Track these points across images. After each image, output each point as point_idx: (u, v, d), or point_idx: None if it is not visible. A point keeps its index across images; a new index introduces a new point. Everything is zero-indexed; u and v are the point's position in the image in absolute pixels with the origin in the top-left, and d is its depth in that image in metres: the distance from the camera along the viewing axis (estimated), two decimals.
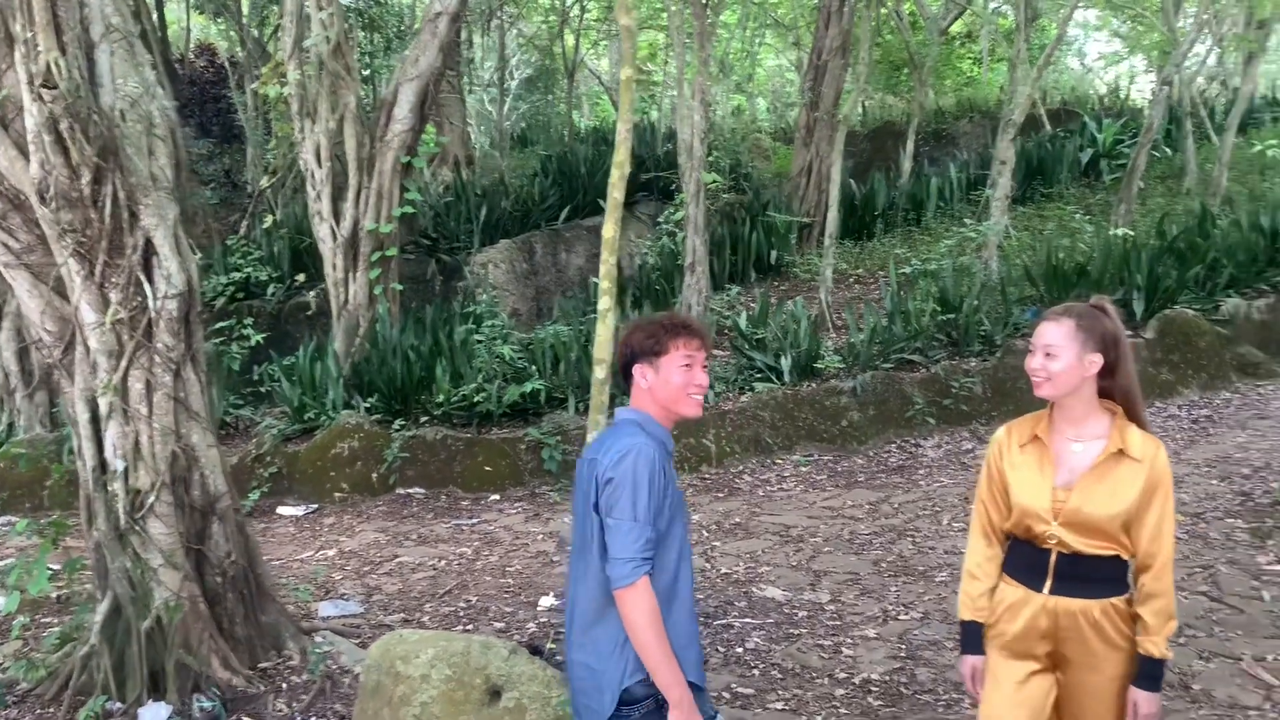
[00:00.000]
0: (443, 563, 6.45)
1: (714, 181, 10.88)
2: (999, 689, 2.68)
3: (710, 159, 11.49)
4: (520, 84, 21.06)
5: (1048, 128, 15.31)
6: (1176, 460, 7.50)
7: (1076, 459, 2.60)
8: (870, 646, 4.89)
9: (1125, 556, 2.58)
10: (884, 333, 8.92)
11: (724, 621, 5.22)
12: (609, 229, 3.71)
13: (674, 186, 12.47)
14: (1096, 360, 2.55)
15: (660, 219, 11.61)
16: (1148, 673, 2.56)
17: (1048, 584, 2.60)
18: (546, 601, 5.71)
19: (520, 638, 5.16)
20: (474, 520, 7.30)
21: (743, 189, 13.44)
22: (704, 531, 6.68)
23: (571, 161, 13.72)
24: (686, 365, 2.47)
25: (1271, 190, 11.90)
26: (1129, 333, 8.64)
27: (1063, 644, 2.61)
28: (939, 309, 9.27)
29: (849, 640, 4.99)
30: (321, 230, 9.32)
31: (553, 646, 5.08)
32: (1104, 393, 2.63)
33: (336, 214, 9.29)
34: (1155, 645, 2.53)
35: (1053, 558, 2.59)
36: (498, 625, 5.40)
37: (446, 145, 14.64)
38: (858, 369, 8.67)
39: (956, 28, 21.10)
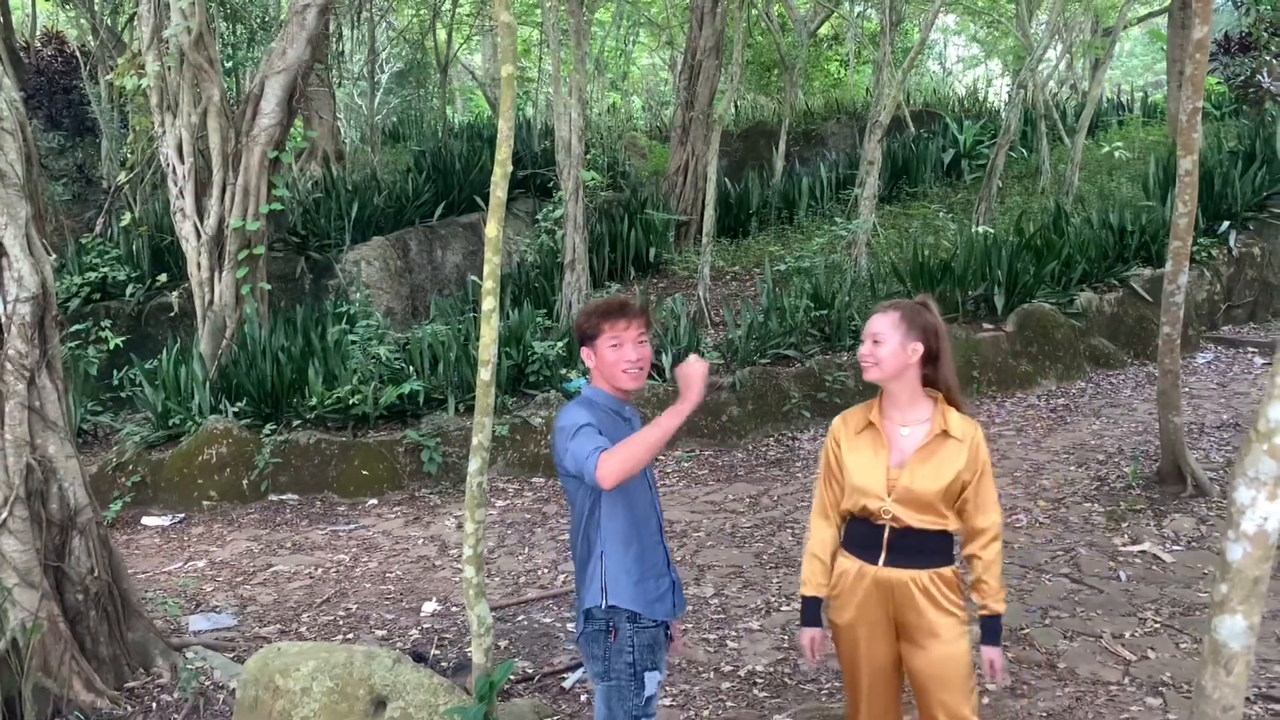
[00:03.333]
0: (320, 571, 6.28)
1: (593, 179, 10.88)
2: (852, 652, 2.97)
3: (588, 156, 11.50)
4: (391, 78, 20.61)
5: (911, 129, 15.84)
6: (1037, 448, 7.88)
7: (905, 441, 2.88)
8: (754, 639, 4.98)
9: (951, 530, 2.87)
10: (761, 329, 9.08)
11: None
12: (492, 228, 3.66)
13: (551, 184, 12.43)
14: (918, 348, 2.86)
15: (539, 216, 11.55)
16: (992, 629, 2.91)
17: (881, 556, 2.87)
18: (430, 607, 5.62)
19: (403, 645, 5.06)
20: (351, 526, 7.12)
21: (620, 187, 13.49)
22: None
23: (446, 157, 13.51)
24: (615, 345, 2.84)
25: (1119, 189, 12.58)
26: (991, 327, 8.93)
27: (900, 611, 2.88)
28: (813, 305, 9.49)
29: (733, 633, 5.06)
30: (184, 228, 8.94)
31: (437, 653, 5.00)
32: (927, 381, 2.94)
33: (200, 211, 8.93)
34: (997, 603, 2.87)
35: (886, 533, 2.86)
36: (379, 633, 5.28)
37: (316, 140, 14.24)
38: (736, 365, 8.81)
39: (824, 30, 21.65)
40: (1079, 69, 21.53)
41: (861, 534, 2.92)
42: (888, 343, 2.86)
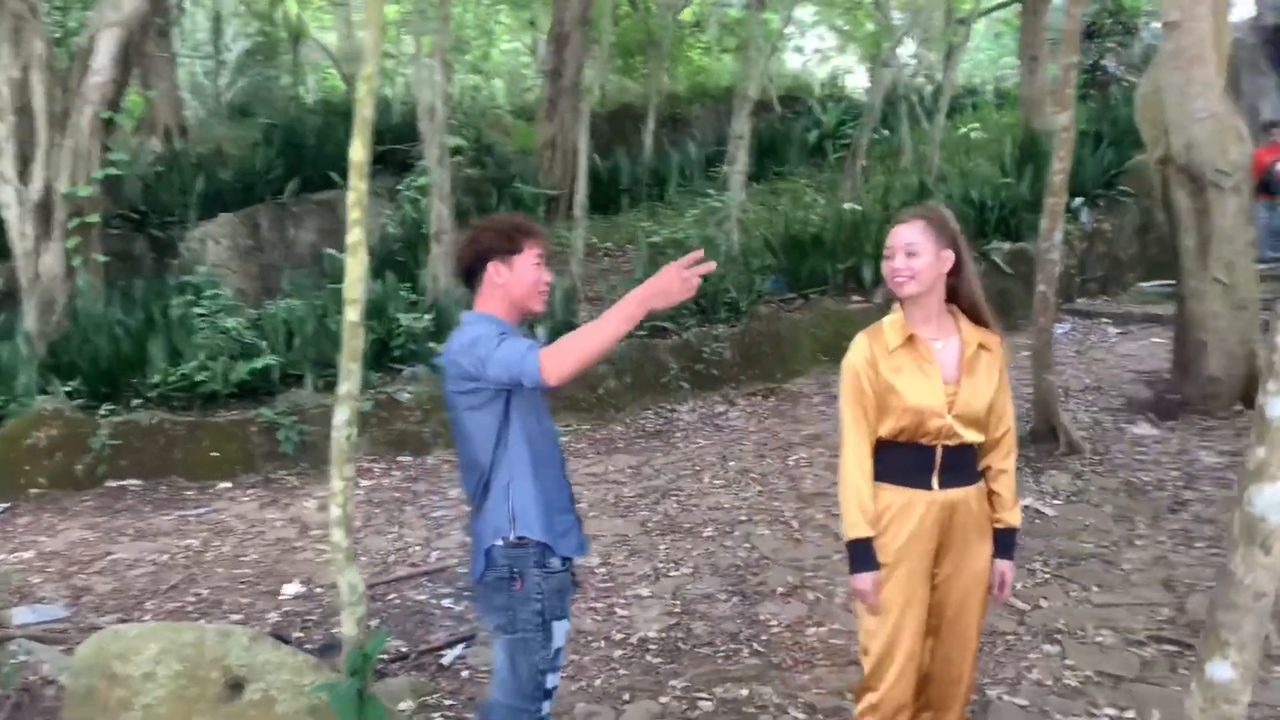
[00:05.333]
0: (165, 557, 5.72)
1: (459, 144, 10.44)
2: (897, 594, 2.69)
3: (453, 133, 11.05)
4: (240, 55, 19.55)
5: (778, 109, 15.92)
6: None
7: (943, 355, 2.72)
8: (644, 605, 4.73)
9: (980, 442, 2.76)
10: None
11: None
12: (357, 151, 3.28)
13: (411, 160, 11.91)
14: (949, 256, 2.70)
15: (401, 185, 11.02)
16: (1007, 543, 2.80)
17: (935, 479, 2.68)
18: (291, 589, 5.17)
19: (262, 629, 4.61)
20: (202, 510, 6.55)
21: (486, 164, 13.07)
22: (465, 505, 6.31)
23: (299, 131, 12.82)
24: (538, 264, 2.68)
25: (977, 168, 12.89)
26: (861, 298, 8.92)
27: (950, 535, 2.71)
28: None
29: (622, 601, 4.80)
30: (4, 193, 8.13)
31: (300, 635, 4.58)
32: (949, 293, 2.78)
33: (23, 175, 8.13)
34: (1014, 516, 2.79)
35: (939, 453, 2.67)
36: (234, 618, 4.81)
37: (156, 111, 13.32)
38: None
39: (686, 16, 21.66)
40: (933, 59, 22.13)
41: (909, 459, 2.68)
42: (922, 254, 2.66)
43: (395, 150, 12.59)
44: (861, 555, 2.68)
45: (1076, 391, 8.08)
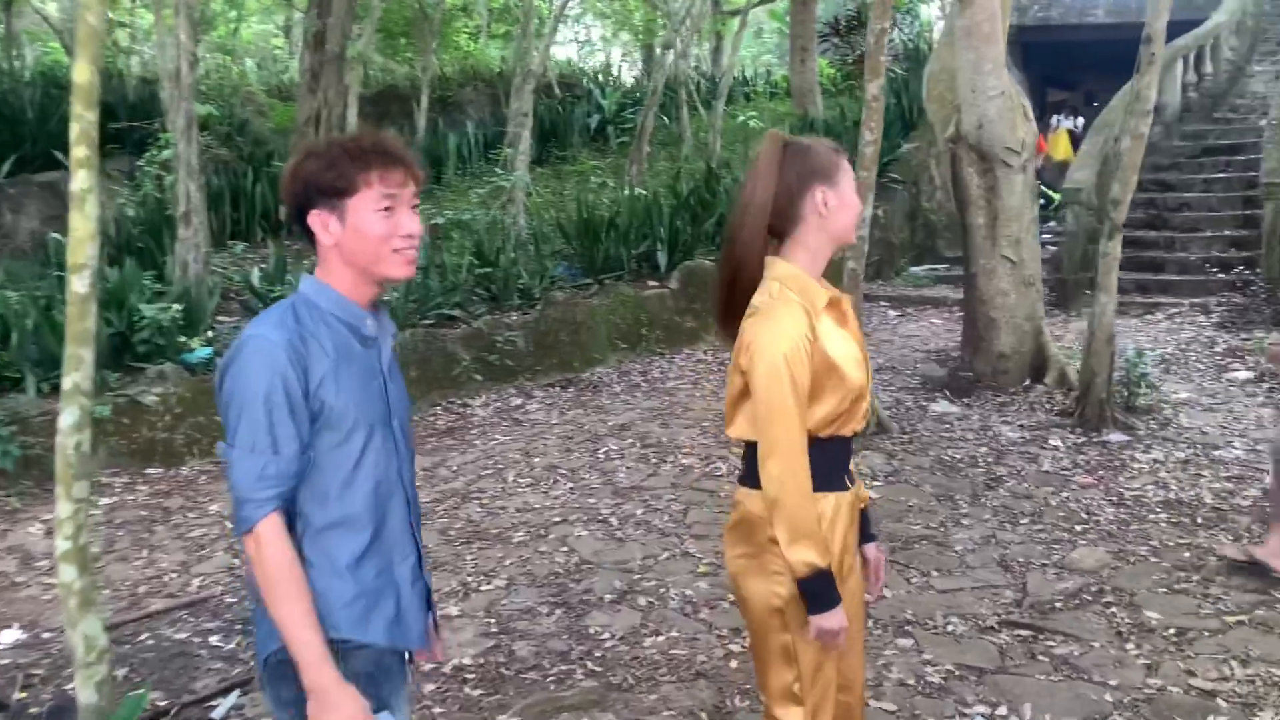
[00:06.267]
0: None
1: (209, 113, 9.30)
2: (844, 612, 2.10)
3: (202, 108, 9.87)
4: None
5: (558, 92, 15.46)
6: (716, 399, 7.61)
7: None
8: (455, 627, 4.11)
9: None
10: (420, 288, 8.13)
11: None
12: (81, 73, 2.51)
13: (153, 137, 10.58)
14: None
15: (142, 161, 9.72)
16: (867, 525, 2.34)
17: (847, 475, 2.17)
18: (10, 636, 4.19)
19: None
20: None
21: (239, 143, 11.84)
22: (228, 523, 5.43)
23: (16, 104, 11.15)
24: (387, 208, 1.77)
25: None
26: (656, 283, 8.54)
27: (850, 538, 2.19)
28: (476, 262, 8.68)
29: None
30: None
31: (23, 697, 3.67)
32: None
33: None
34: (864, 491, 2.30)
35: (851, 441, 2.16)
36: None
37: None
38: (396, 328, 7.79)
39: (452, 2, 20.87)
40: (701, 51, 22.35)
41: (835, 454, 2.12)
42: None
43: (134, 128, 11.20)
44: (827, 587, 2.02)
45: (872, 372, 8.06)
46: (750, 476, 2.10)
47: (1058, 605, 4.03)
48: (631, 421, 6.99)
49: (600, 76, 18.95)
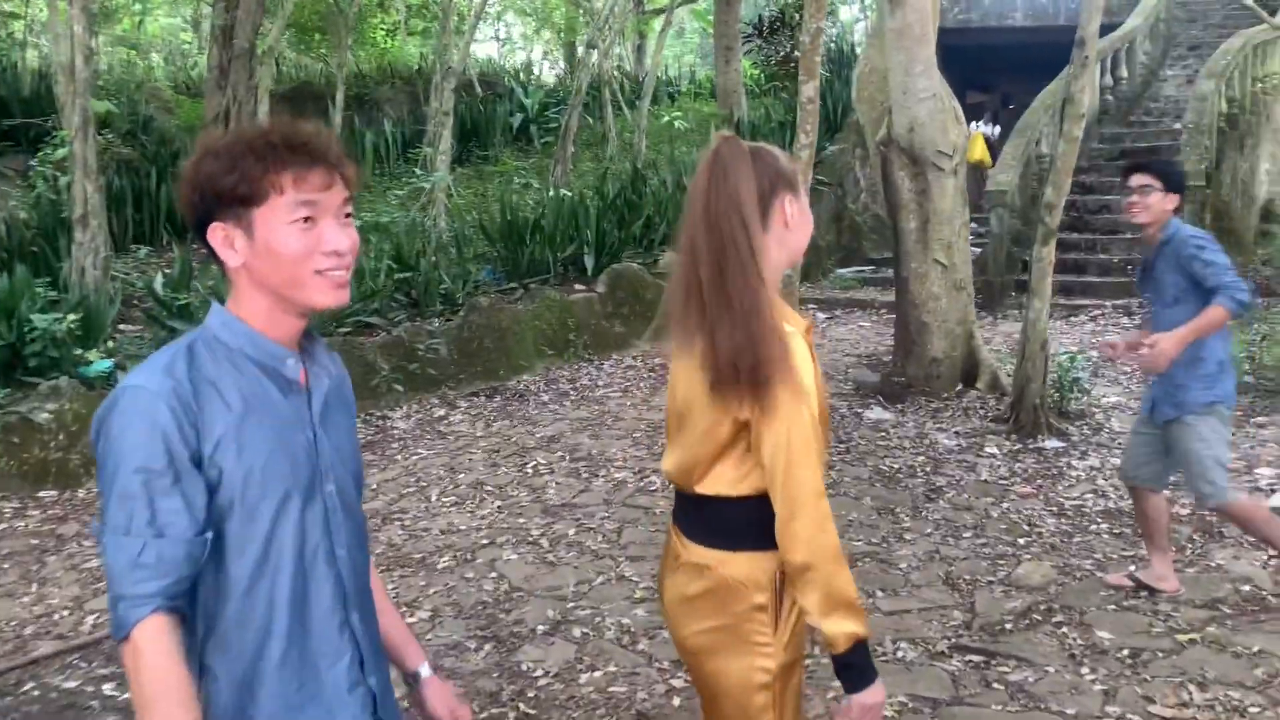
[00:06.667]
0: None
1: (107, 110, 8.79)
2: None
3: (102, 106, 9.35)
4: None
5: (479, 90, 15.12)
6: (647, 407, 7.42)
7: None
8: None
9: None
10: None
11: None
12: None
13: (48, 135, 9.99)
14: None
15: (34, 160, 9.15)
16: None
17: None
18: None
19: None
20: None
21: (142, 141, 11.27)
22: None
23: None
24: (306, 218, 1.42)
25: (685, 156, 12.74)
26: (583, 287, 8.29)
27: None
28: (395, 266, 8.34)
29: None
30: None
31: None
32: None
33: None
34: None
35: None
36: None
37: None
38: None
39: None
40: (627, 50, 22.16)
41: None
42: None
43: (28, 125, 10.58)
44: (867, 659, 1.76)
45: None
46: (719, 536, 1.84)
47: (1008, 626, 3.90)
48: (561, 433, 6.74)
49: (522, 75, 18.63)
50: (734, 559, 1.81)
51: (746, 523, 1.80)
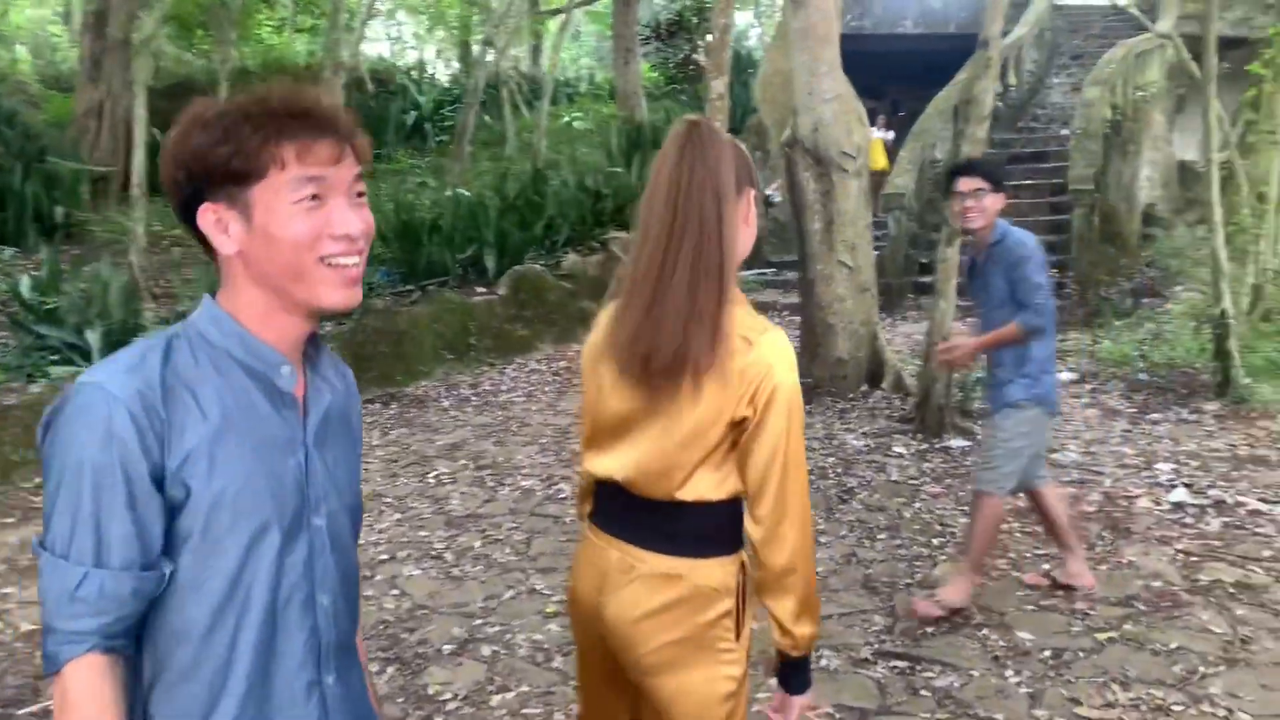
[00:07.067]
0: None
1: None
2: None
3: None
4: None
5: (370, 87, 14.69)
6: (554, 412, 7.24)
7: None
8: None
9: None
10: None
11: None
12: None
13: None
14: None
15: None
16: None
17: None
18: None
19: None
20: None
21: (6, 138, 10.57)
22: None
23: None
24: (313, 196, 1.20)
25: (586, 157, 12.59)
26: (484, 289, 8.04)
27: None
28: None
29: None
30: None
31: None
32: None
33: None
34: None
35: None
36: None
37: None
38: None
39: None
40: (523, 51, 21.90)
41: None
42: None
43: None
44: (809, 664, 1.81)
45: None
46: (690, 543, 1.74)
47: (929, 630, 3.83)
48: (463, 440, 6.49)
49: (415, 73, 18.22)
50: (704, 565, 1.73)
51: (718, 527, 1.75)
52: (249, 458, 1.21)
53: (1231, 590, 4.06)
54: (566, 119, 13.63)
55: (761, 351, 1.66)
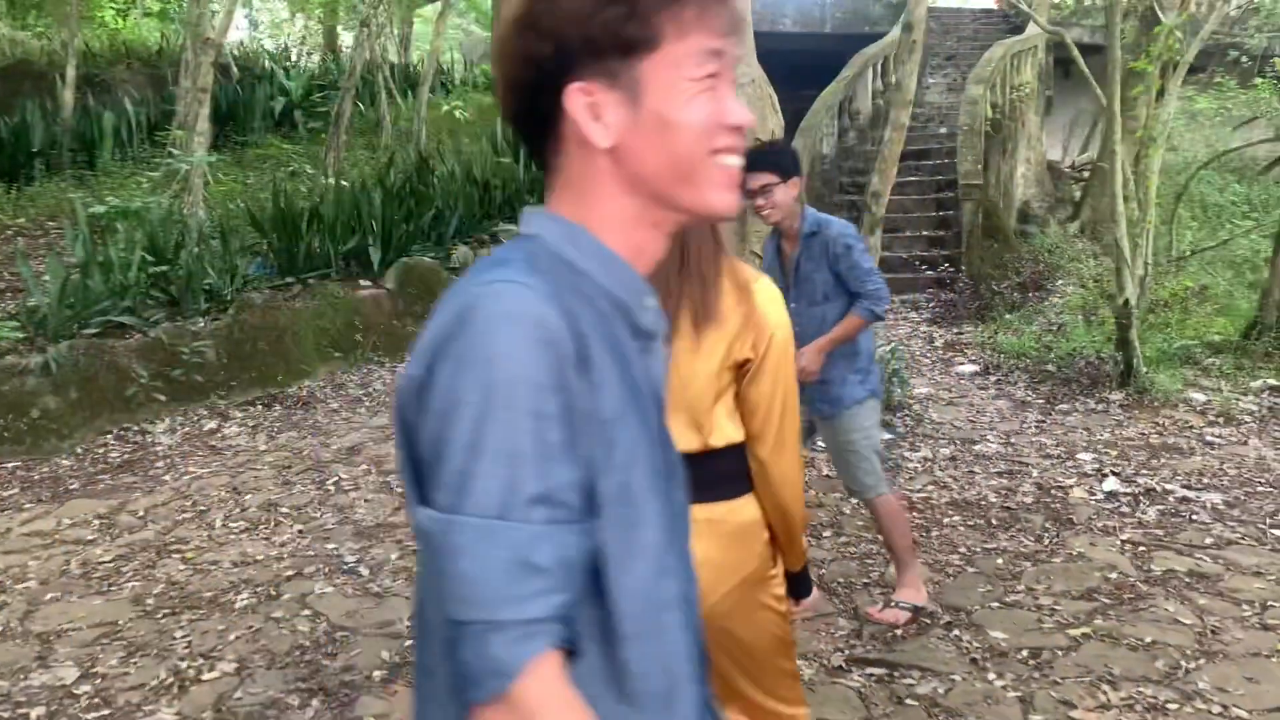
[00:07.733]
0: None
1: None
2: None
3: None
4: None
5: (235, 72, 13.81)
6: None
7: None
8: None
9: None
10: (79, 290, 6.62)
11: None
12: None
13: None
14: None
15: None
16: None
17: None
18: None
19: None
20: None
21: None
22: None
23: None
24: (711, 75, 0.94)
25: (470, 147, 12.09)
26: (370, 283, 7.54)
27: None
28: (150, 258, 7.25)
29: None
30: None
31: None
32: None
33: None
34: None
35: None
36: None
37: None
38: (47, 339, 6.27)
39: None
40: (394, 39, 21.15)
41: None
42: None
43: None
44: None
45: None
46: (725, 486, 1.86)
47: (899, 632, 3.62)
48: (361, 443, 5.99)
49: (278, 60, 17.30)
50: (738, 505, 1.87)
51: (743, 466, 1.88)
52: (634, 413, 0.94)
53: (1187, 580, 4.00)
54: (447, 108, 13.07)
55: (759, 298, 1.83)
